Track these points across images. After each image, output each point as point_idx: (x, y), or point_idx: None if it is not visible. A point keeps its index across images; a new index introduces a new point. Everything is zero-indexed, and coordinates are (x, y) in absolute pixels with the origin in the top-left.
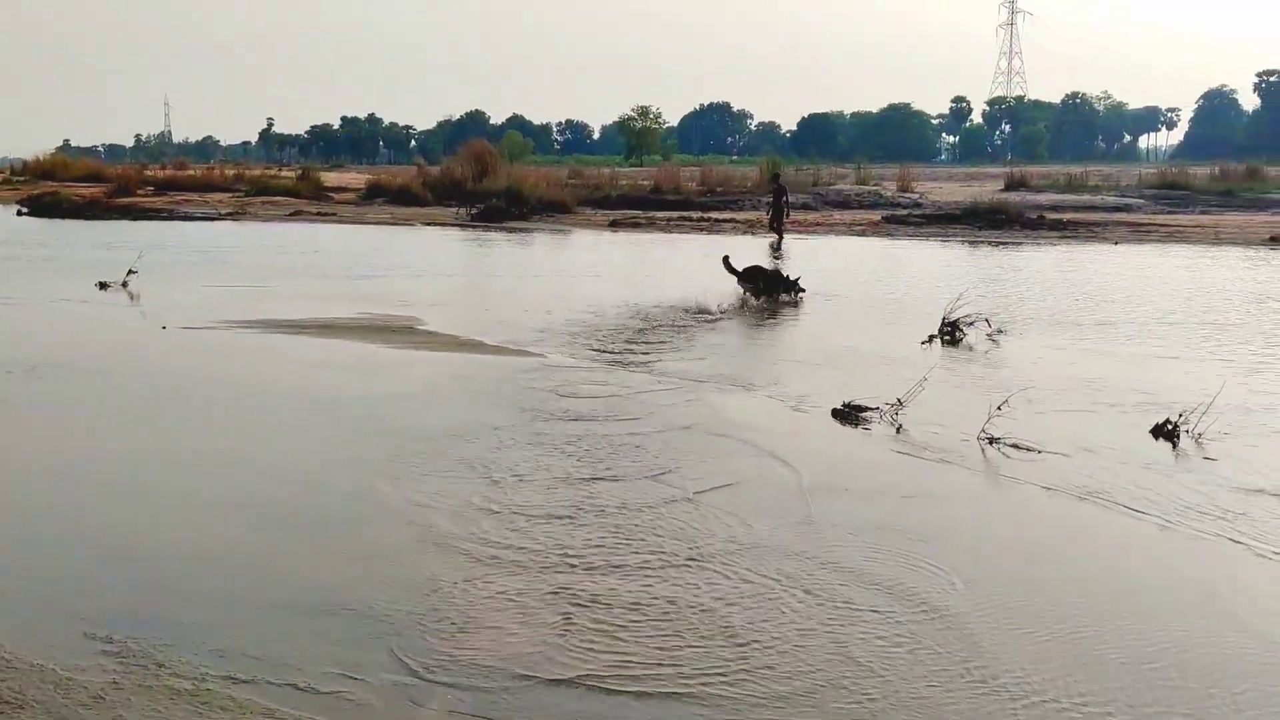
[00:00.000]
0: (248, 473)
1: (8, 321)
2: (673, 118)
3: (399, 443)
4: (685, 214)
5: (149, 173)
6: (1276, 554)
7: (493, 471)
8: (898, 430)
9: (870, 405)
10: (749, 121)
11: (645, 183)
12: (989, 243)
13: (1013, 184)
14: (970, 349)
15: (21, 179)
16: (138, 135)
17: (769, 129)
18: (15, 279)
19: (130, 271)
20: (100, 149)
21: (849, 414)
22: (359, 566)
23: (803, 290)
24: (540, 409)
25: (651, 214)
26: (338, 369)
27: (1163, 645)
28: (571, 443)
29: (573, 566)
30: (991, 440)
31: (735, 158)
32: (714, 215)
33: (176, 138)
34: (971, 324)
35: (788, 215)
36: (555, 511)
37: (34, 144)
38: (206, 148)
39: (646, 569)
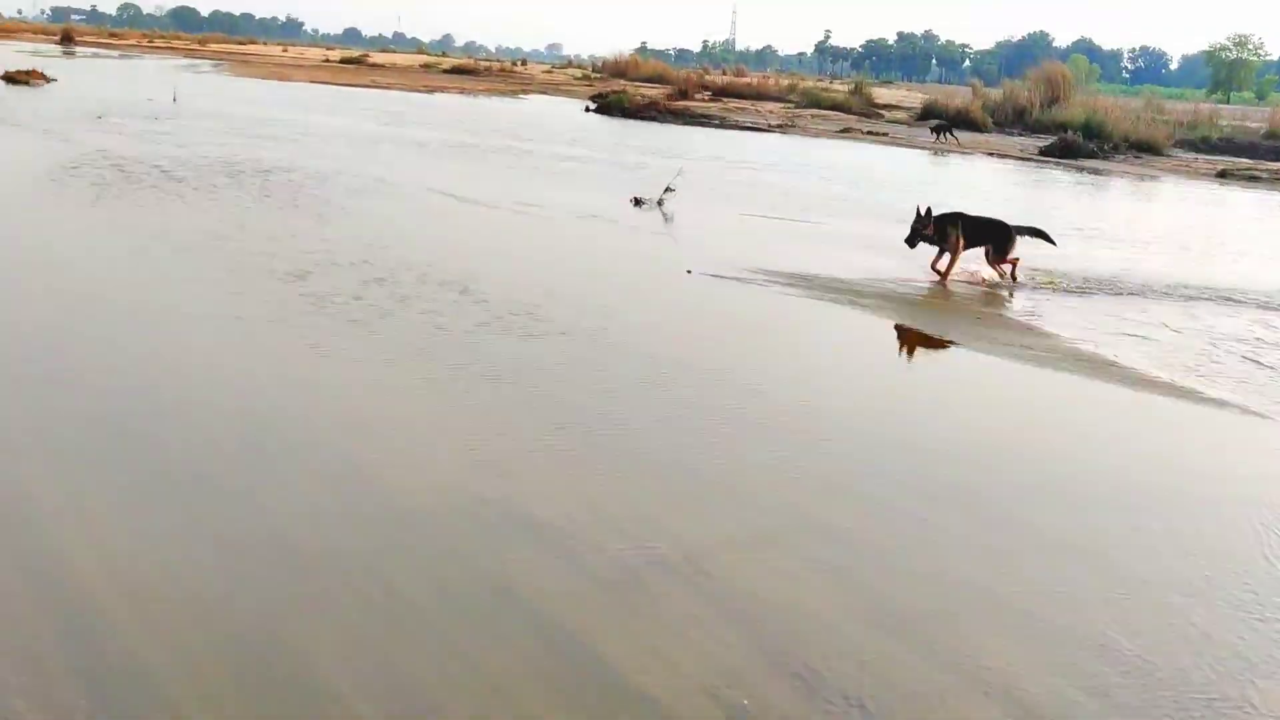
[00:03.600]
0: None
1: (525, 238)
2: (1276, 50)
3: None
4: None
5: (709, 78)
6: None
7: None
8: None
9: None
10: None
11: (1255, 125)
12: None
13: None
14: None
15: (598, 75)
16: (704, 41)
17: None
18: (562, 183)
19: (667, 189)
20: (671, 52)
21: None
22: None
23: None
24: None
25: (1270, 165)
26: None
27: None
28: None
29: None
30: None
31: None
32: None
33: (739, 45)
34: None
35: None
36: None
37: (616, 44)
38: (764, 56)
39: None
